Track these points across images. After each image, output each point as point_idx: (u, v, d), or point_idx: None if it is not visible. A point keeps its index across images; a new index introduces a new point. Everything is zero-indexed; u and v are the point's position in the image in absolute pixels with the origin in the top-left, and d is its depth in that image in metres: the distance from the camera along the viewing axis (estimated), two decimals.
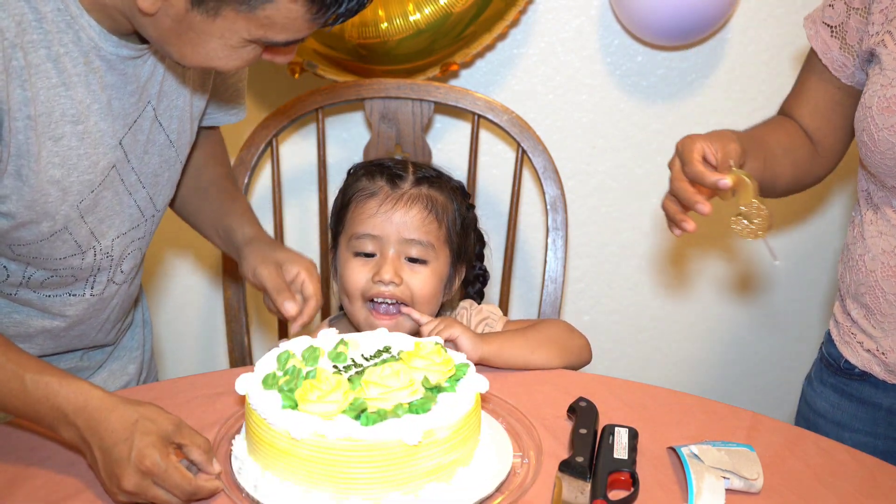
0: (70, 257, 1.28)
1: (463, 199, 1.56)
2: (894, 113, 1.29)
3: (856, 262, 1.43)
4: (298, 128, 2.13)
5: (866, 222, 1.41)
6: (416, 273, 1.46)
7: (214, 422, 1.22)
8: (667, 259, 2.28)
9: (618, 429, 1.19)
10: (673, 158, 1.27)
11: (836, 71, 1.43)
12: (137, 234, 1.36)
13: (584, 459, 1.13)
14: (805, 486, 1.15)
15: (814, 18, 1.46)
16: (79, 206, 1.24)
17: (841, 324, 1.48)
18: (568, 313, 2.30)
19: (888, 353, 1.39)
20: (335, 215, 1.55)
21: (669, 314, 2.33)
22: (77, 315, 1.37)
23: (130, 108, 1.26)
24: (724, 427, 1.26)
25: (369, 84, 1.87)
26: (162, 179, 1.36)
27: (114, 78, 1.22)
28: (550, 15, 2.08)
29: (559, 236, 1.85)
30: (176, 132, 1.35)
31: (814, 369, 1.56)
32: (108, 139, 1.24)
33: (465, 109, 1.86)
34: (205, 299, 2.32)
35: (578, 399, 1.25)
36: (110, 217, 1.29)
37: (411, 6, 1.87)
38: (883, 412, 1.43)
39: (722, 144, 1.25)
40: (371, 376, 1.09)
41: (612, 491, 1.11)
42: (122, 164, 1.27)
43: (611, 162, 2.18)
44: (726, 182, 1.20)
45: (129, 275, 1.40)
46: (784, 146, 1.45)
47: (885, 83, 1.31)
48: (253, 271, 1.37)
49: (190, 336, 2.35)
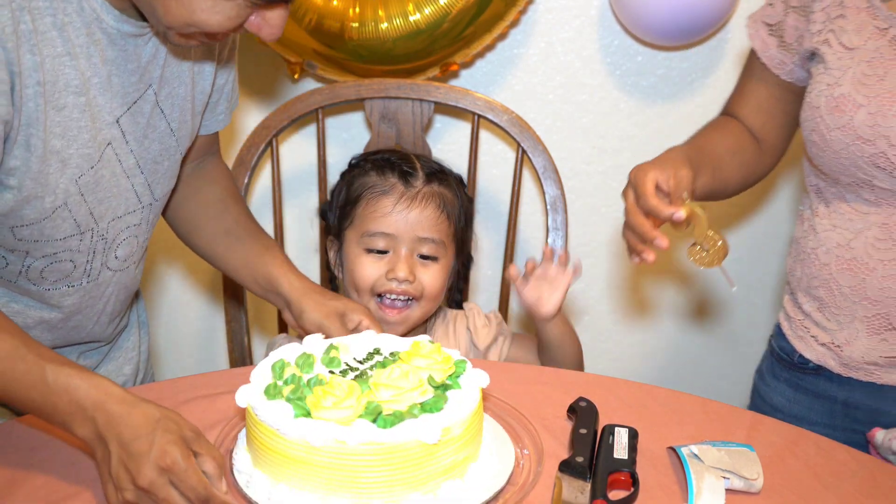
0: (69, 238, 1.27)
1: (464, 191, 1.58)
2: (844, 113, 1.30)
3: (808, 256, 1.44)
4: (298, 128, 2.13)
5: (818, 216, 1.42)
6: (427, 270, 1.49)
7: (215, 422, 1.22)
8: (667, 259, 2.28)
9: (618, 429, 1.19)
10: (626, 189, 1.29)
11: (774, 68, 1.45)
12: (133, 220, 1.35)
13: (584, 459, 1.13)
14: (805, 486, 1.15)
15: (755, 18, 1.48)
16: (77, 181, 1.23)
17: (793, 318, 1.48)
18: (568, 313, 2.30)
19: (843, 347, 1.40)
20: (340, 209, 1.55)
21: (669, 314, 2.33)
22: (73, 305, 1.36)
23: (130, 88, 1.25)
24: (724, 427, 1.26)
25: (369, 84, 1.87)
26: (161, 168, 1.35)
27: (114, 53, 1.21)
28: (550, 15, 2.08)
29: (559, 236, 1.85)
30: (177, 121, 1.34)
31: (764, 363, 1.56)
32: (105, 115, 1.23)
33: (465, 109, 1.86)
34: (204, 299, 2.32)
35: (578, 399, 1.25)
36: (108, 199, 1.28)
37: (411, 6, 1.87)
38: (839, 405, 1.44)
39: (674, 171, 1.26)
40: (381, 378, 1.09)
41: (612, 491, 1.11)
42: (118, 143, 1.26)
43: (611, 162, 2.18)
44: (680, 215, 1.22)
45: (124, 263, 1.39)
46: (731, 149, 1.47)
47: (832, 82, 1.32)
48: (317, 326, 1.39)
49: (190, 336, 2.35)
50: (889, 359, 1.37)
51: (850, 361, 1.40)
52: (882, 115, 1.28)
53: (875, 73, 1.29)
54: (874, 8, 1.32)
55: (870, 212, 1.35)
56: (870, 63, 1.30)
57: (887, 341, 1.37)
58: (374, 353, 1.18)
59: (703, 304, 2.32)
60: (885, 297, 1.35)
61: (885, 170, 1.29)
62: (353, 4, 1.89)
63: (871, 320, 1.37)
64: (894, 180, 1.30)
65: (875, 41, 1.31)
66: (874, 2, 1.32)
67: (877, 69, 1.29)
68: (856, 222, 1.36)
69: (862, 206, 1.36)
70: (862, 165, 1.31)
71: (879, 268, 1.34)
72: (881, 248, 1.34)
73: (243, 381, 1.35)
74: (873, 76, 1.29)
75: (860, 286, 1.36)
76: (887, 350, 1.37)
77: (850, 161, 1.32)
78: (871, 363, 1.39)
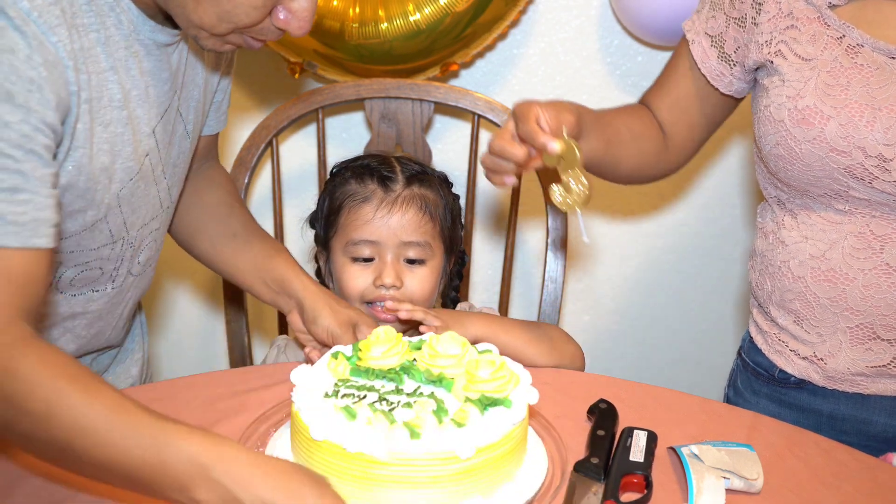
0: (102, 247, 1.27)
1: (448, 190, 1.57)
2: (812, 125, 1.29)
3: (777, 270, 1.41)
4: (298, 128, 2.13)
5: (785, 228, 1.40)
6: (415, 274, 1.48)
7: (215, 422, 1.22)
8: (667, 259, 2.28)
9: (636, 431, 1.19)
10: (507, 119, 1.25)
11: (713, 79, 1.43)
12: (155, 224, 1.35)
13: (599, 461, 1.13)
14: (805, 486, 1.15)
15: (696, 28, 1.45)
16: (118, 195, 1.23)
17: (768, 332, 1.46)
18: (568, 313, 2.30)
19: (826, 359, 1.38)
20: (324, 220, 1.55)
21: (669, 314, 2.33)
22: (97, 310, 1.35)
23: (164, 97, 1.26)
24: (724, 427, 1.26)
25: (369, 84, 1.87)
26: (179, 170, 1.36)
27: (151, 64, 1.21)
28: (550, 15, 2.08)
29: (559, 236, 1.85)
30: (192, 122, 1.35)
31: (738, 378, 1.53)
32: (144, 126, 1.23)
33: (465, 109, 1.86)
34: (205, 299, 2.32)
35: (599, 401, 1.25)
36: (140, 207, 1.29)
37: (411, 6, 1.87)
38: (825, 418, 1.41)
39: (557, 112, 1.22)
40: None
41: (624, 493, 1.11)
42: (153, 153, 1.27)
43: None
44: (555, 146, 1.18)
45: (145, 267, 1.39)
46: (634, 132, 1.44)
47: (793, 95, 1.31)
48: (330, 333, 1.37)
49: (190, 336, 2.35)
50: (875, 368, 1.36)
51: (834, 374, 1.38)
52: (853, 126, 1.26)
53: (838, 83, 1.28)
54: (825, 17, 1.31)
55: (843, 221, 1.33)
56: (830, 73, 1.29)
57: (872, 351, 1.35)
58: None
59: (704, 304, 2.32)
60: (867, 306, 1.33)
61: (863, 180, 1.28)
62: (353, 4, 1.89)
63: (854, 331, 1.35)
64: (871, 190, 1.29)
65: (831, 51, 1.30)
66: (823, 11, 1.31)
67: (839, 79, 1.28)
68: (829, 233, 1.34)
69: (834, 216, 1.34)
70: (837, 177, 1.29)
71: (860, 277, 1.32)
72: (860, 257, 1.32)
73: (243, 380, 1.35)
74: (836, 86, 1.28)
75: (840, 297, 1.34)
76: (873, 360, 1.36)
77: (825, 172, 1.30)
78: (857, 374, 1.37)
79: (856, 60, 1.29)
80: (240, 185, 1.82)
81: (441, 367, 1.13)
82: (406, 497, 1.01)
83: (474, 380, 1.09)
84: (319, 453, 1.03)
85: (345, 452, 1.01)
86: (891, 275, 1.31)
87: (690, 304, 2.32)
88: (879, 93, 1.27)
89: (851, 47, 1.30)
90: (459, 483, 1.02)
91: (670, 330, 2.34)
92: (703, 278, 2.29)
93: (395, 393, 1.10)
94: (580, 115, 1.28)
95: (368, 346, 1.15)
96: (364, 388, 1.11)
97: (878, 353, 1.35)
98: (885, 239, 1.31)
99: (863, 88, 1.27)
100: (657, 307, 2.32)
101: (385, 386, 1.12)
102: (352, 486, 1.02)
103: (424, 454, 1.00)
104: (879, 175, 1.27)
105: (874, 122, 1.26)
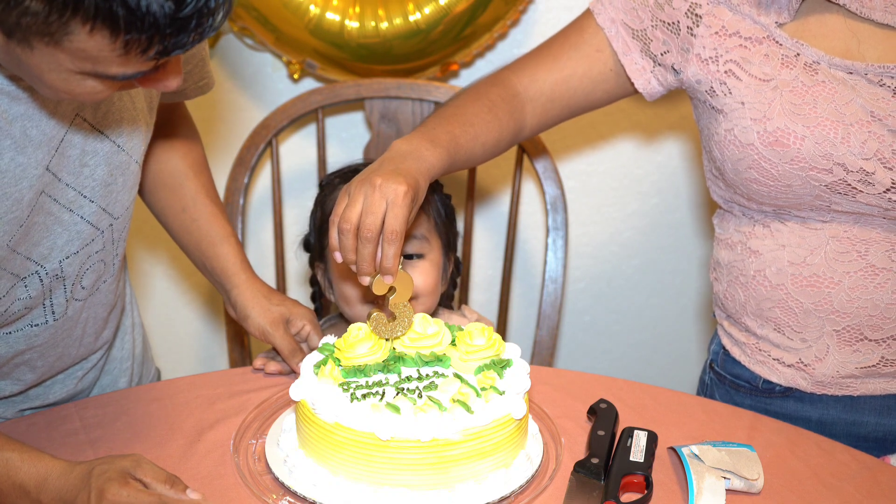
0: (11, 289, 1.20)
1: (439, 189, 1.58)
2: (787, 146, 1.27)
3: (751, 280, 1.39)
4: (298, 128, 2.13)
5: (756, 237, 1.38)
6: (415, 269, 1.47)
7: (214, 421, 1.22)
8: (668, 259, 2.28)
9: (637, 432, 1.19)
10: (373, 194, 1.17)
11: (632, 74, 1.39)
12: (94, 248, 1.26)
13: (599, 461, 1.14)
14: (805, 486, 1.15)
15: (609, 15, 1.39)
16: (8, 244, 1.14)
17: (745, 343, 1.44)
18: (568, 313, 2.30)
19: (814, 364, 1.37)
20: (317, 230, 1.55)
21: (669, 314, 2.33)
22: (47, 341, 1.29)
23: (52, 131, 1.14)
24: (724, 427, 1.26)
25: (369, 84, 1.87)
26: (115, 187, 1.25)
27: (21, 108, 1.10)
28: (550, 15, 2.08)
29: (559, 236, 1.85)
30: (124, 134, 1.24)
31: (716, 392, 1.50)
32: (31, 171, 1.12)
33: None
34: (204, 299, 2.32)
35: (599, 400, 1.25)
36: (46, 239, 1.20)
37: (411, 6, 1.87)
38: (813, 424, 1.40)
39: (415, 204, 1.19)
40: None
41: (624, 493, 1.11)
42: (52, 188, 1.17)
43: (611, 162, 2.18)
44: (390, 278, 1.18)
45: (94, 288, 1.32)
46: (486, 146, 1.39)
47: (759, 117, 1.28)
48: (261, 331, 1.40)
49: (190, 336, 2.35)
50: (865, 369, 1.35)
51: (823, 378, 1.37)
52: (830, 144, 1.25)
53: (804, 101, 1.26)
54: (775, 36, 1.29)
55: (823, 227, 1.32)
56: (793, 92, 1.27)
57: (860, 352, 1.35)
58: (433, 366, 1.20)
59: (704, 303, 2.32)
60: (854, 308, 1.32)
61: (847, 195, 1.27)
62: (353, 4, 1.89)
63: (840, 333, 1.34)
64: (854, 203, 1.28)
65: (789, 70, 1.28)
66: (773, 30, 1.29)
67: (804, 98, 1.27)
68: (808, 239, 1.33)
69: (813, 224, 1.33)
70: (819, 193, 1.28)
71: (845, 280, 1.32)
72: (844, 260, 1.31)
73: (243, 380, 1.35)
74: (804, 105, 1.26)
75: (825, 301, 1.33)
76: (862, 361, 1.35)
77: (806, 191, 1.29)
78: (846, 376, 1.36)
79: (817, 78, 1.27)
80: (240, 185, 1.82)
81: (428, 346, 1.18)
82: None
83: (470, 349, 1.16)
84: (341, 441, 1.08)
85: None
86: (876, 275, 1.31)
87: (692, 303, 2.32)
88: (847, 108, 1.25)
89: (808, 65, 1.28)
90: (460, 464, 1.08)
91: (671, 330, 2.34)
92: (703, 278, 2.29)
93: (407, 381, 1.14)
94: (443, 167, 1.27)
95: (351, 346, 1.17)
96: (376, 384, 1.13)
97: (867, 353, 1.35)
98: (870, 242, 1.31)
99: (830, 105, 1.26)
100: (658, 307, 2.32)
101: (388, 378, 1.15)
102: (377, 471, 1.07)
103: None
104: (863, 189, 1.26)
105: (848, 138, 1.25)
